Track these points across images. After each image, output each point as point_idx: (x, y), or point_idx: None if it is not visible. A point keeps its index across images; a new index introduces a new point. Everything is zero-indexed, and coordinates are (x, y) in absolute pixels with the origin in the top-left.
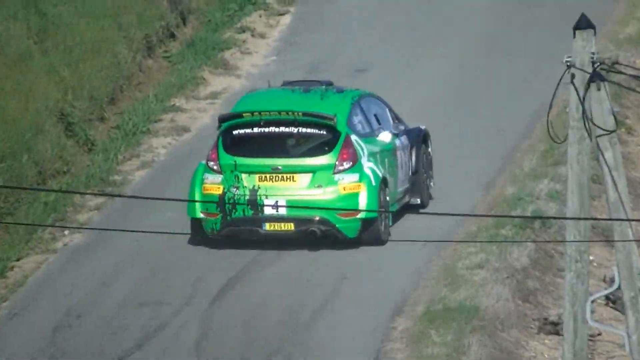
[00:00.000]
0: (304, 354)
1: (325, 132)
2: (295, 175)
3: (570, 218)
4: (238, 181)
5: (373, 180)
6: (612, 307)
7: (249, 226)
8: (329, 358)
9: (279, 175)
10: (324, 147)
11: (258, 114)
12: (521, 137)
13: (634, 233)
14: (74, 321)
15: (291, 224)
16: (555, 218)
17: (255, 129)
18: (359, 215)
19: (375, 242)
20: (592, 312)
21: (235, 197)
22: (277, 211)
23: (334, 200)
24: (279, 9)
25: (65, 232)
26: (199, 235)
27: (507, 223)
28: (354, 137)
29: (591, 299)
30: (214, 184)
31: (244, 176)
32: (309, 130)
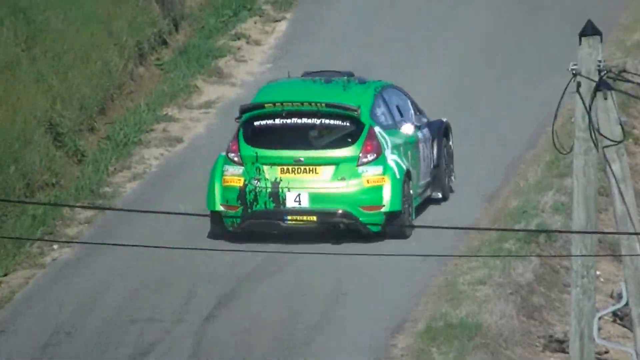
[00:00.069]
0: None
1: (348, 124)
2: (317, 167)
3: (576, 232)
4: (259, 173)
5: (397, 173)
6: (620, 324)
7: (270, 219)
8: None
9: (302, 167)
10: (347, 139)
11: (280, 104)
12: (525, 148)
13: None
14: (64, 338)
15: (314, 217)
16: (560, 232)
17: (277, 120)
18: (383, 209)
19: (399, 236)
20: (599, 329)
21: (257, 190)
22: (300, 204)
23: (358, 193)
24: (275, 15)
25: (54, 247)
26: (218, 228)
27: (511, 237)
28: (377, 129)
29: (598, 315)
30: (234, 176)
31: (265, 168)
32: (332, 121)
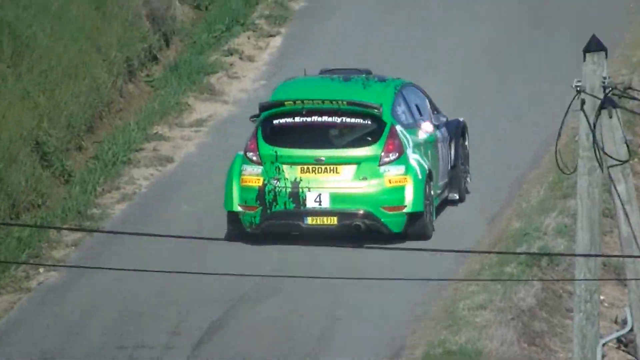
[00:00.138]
0: None
1: (370, 122)
2: (338, 166)
3: (580, 255)
4: (279, 173)
5: (419, 173)
6: (625, 351)
7: (290, 220)
8: None
9: (322, 166)
10: (368, 138)
11: (301, 102)
12: (528, 167)
13: None
14: None
15: (334, 218)
16: (563, 255)
17: (298, 118)
18: (405, 209)
19: (421, 237)
20: (604, 356)
21: (276, 190)
22: (320, 204)
23: (379, 194)
24: (269, 30)
25: (40, 270)
26: (236, 229)
27: (512, 260)
28: (399, 128)
29: (602, 342)
30: (252, 176)
31: (285, 167)
32: (354, 120)
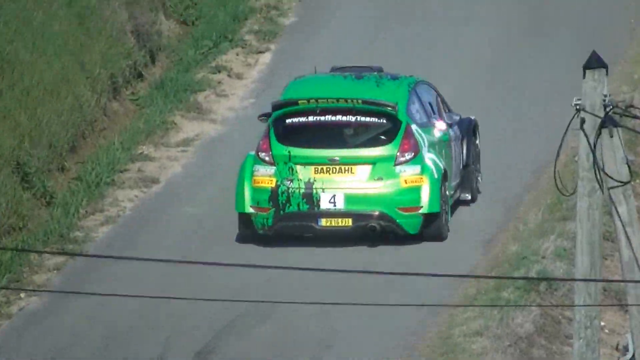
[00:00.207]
0: None
1: (385, 121)
2: (353, 167)
3: (579, 280)
4: (292, 173)
5: (435, 173)
6: None
7: (304, 221)
8: None
9: (337, 167)
10: (383, 137)
11: (314, 101)
12: (525, 189)
13: None
14: None
15: (349, 220)
16: (563, 280)
17: (311, 117)
18: (422, 210)
19: (437, 238)
20: None
21: (290, 190)
22: (335, 205)
23: (395, 194)
24: (258, 46)
25: (21, 295)
26: (248, 231)
27: (510, 285)
28: (414, 127)
29: None
30: (265, 176)
31: (298, 168)
32: (368, 119)
